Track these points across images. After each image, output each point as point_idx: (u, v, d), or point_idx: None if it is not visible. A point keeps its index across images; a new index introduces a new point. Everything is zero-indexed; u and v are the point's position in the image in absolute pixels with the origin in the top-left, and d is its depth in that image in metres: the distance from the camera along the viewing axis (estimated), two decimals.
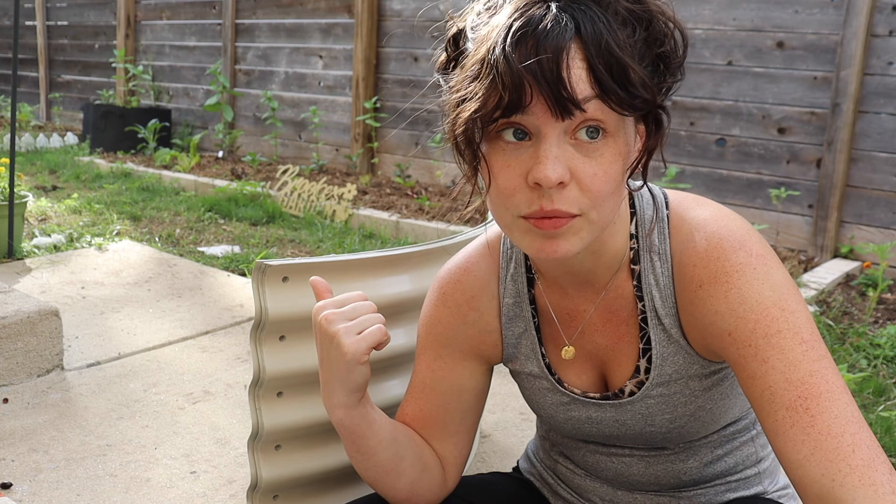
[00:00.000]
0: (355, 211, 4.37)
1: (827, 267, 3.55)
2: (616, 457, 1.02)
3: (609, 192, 0.78)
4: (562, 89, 0.73)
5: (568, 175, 0.76)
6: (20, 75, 8.81)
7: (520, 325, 1.00)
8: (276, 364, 1.18)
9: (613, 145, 0.78)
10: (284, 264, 1.15)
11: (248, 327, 2.72)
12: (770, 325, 0.79)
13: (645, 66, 0.77)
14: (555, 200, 0.77)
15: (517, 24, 0.74)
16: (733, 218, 0.87)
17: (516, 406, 2.19)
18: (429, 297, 1.05)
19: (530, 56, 0.73)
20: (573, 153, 0.77)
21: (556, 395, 1.00)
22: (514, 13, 0.75)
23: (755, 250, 0.83)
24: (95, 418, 2.00)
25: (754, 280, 0.81)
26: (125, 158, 6.07)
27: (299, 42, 5.99)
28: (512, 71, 0.73)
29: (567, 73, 0.73)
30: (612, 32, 0.74)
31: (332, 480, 1.32)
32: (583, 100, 0.74)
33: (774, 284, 0.81)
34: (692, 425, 0.95)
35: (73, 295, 2.95)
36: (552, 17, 0.74)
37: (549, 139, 0.76)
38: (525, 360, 1.01)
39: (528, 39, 0.73)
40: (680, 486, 1.02)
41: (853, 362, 2.56)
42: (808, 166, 3.81)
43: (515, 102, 0.75)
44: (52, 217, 4.19)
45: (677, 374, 0.92)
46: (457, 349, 1.02)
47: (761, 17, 3.89)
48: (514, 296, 1.00)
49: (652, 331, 0.91)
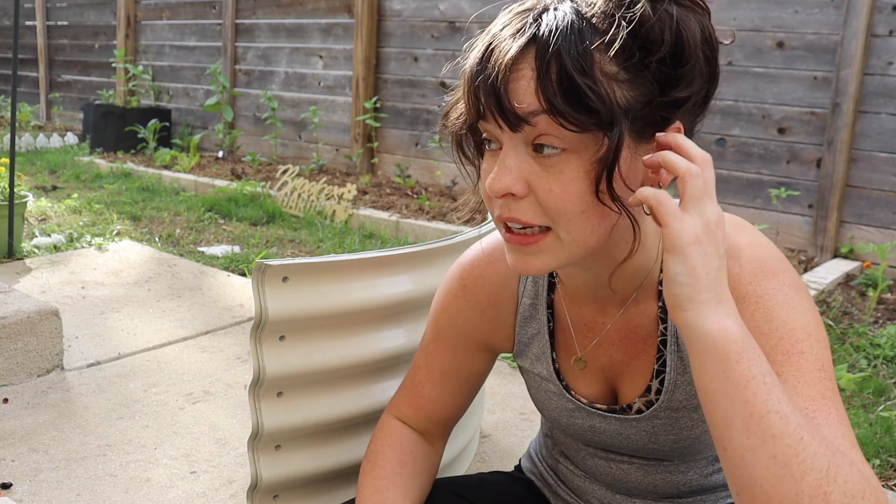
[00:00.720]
0: (355, 211, 4.37)
1: (827, 267, 3.55)
2: (615, 463, 1.02)
3: (573, 210, 0.74)
4: (502, 101, 0.72)
5: (520, 186, 0.75)
6: (20, 75, 8.81)
7: (533, 327, 1.00)
8: (276, 364, 1.18)
9: (575, 161, 0.73)
10: (284, 264, 1.15)
11: (248, 327, 2.71)
12: (793, 345, 0.78)
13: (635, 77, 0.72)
14: (512, 209, 0.77)
15: (492, 32, 0.76)
16: (772, 249, 0.85)
17: (516, 406, 2.19)
18: (449, 284, 1.05)
19: (485, 66, 0.74)
20: (532, 165, 0.75)
21: (562, 400, 0.99)
22: (500, 22, 0.77)
23: (788, 280, 0.82)
24: (95, 418, 2.00)
25: (784, 304, 0.80)
26: (125, 158, 6.07)
27: (299, 42, 5.99)
28: (471, 81, 0.75)
29: (508, 85, 0.72)
30: (576, 40, 0.70)
31: (332, 480, 1.32)
32: (529, 114, 0.72)
33: (804, 311, 0.80)
34: (696, 446, 0.95)
35: (73, 295, 2.95)
36: (518, 26, 0.74)
37: (505, 150, 0.76)
38: (534, 361, 1.01)
39: (488, 49, 0.75)
40: (678, 495, 1.02)
41: (853, 362, 2.56)
42: (808, 166, 3.81)
43: (474, 113, 0.76)
44: (52, 217, 4.19)
45: (687, 402, 0.91)
46: (473, 341, 1.04)
47: (761, 17, 3.89)
48: (532, 297, 1.00)
49: (669, 355, 0.90)
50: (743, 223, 0.89)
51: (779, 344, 0.78)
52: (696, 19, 0.75)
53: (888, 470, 1.91)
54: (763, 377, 0.68)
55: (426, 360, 1.07)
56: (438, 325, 1.05)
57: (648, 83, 0.73)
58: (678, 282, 0.70)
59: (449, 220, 4.22)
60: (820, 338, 0.79)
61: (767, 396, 0.68)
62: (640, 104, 0.73)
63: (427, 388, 1.07)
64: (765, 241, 0.86)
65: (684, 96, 0.75)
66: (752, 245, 0.85)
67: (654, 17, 0.72)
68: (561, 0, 0.75)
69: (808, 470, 0.66)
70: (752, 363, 0.69)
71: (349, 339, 1.24)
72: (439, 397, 1.07)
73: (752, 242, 0.85)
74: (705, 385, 0.70)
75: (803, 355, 0.77)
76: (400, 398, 1.10)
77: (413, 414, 1.08)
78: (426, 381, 1.07)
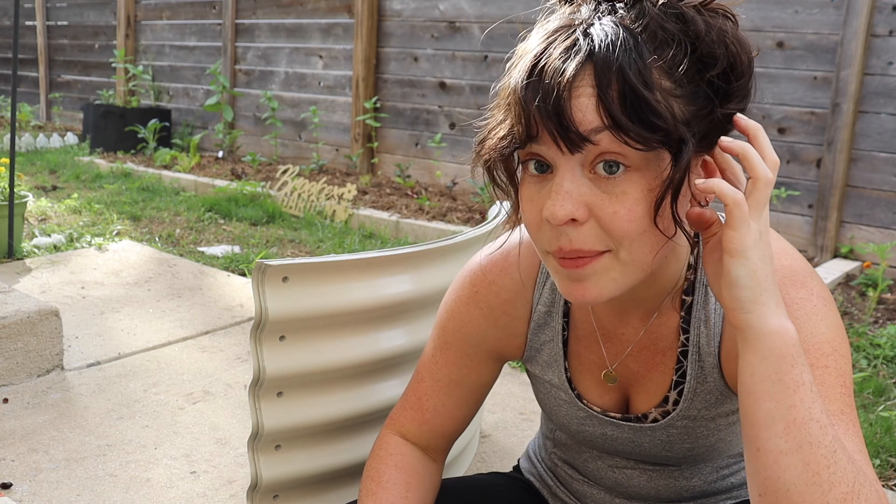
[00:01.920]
0: (355, 211, 4.37)
1: (827, 267, 3.55)
2: (618, 468, 1.01)
3: (636, 231, 0.72)
4: (562, 120, 0.68)
5: (583, 212, 0.71)
6: (20, 75, 8.81)
7: (547, 334, 0.98)
8: (276, 364, 1.18)
9: (640, 180, 0.71)
10: (284, 264, 1.15)
11: (248, 327, 2.71)
12: (819, 358, 0.77)
13: (692, 92, 0.71)
14: (573, 240, 0.72)
15: (537, 49, 0.71)
16: (799, 258, 0.84)
17: (516, 406, 2.19)
18: (459, 291, 1.01)
19: (538, 84, 0.69)
20: (591, 188, 0.72)
21: (574, 409, 0.98)
22: (541, 38, 0.72)
23: (816, 291, 0.81)
24: (95, 418, 2.00)
25: (813, 315, 0.79)
26: (125, 158, 6.07)
27: (299, 42, 5.99)
28: (522, 102, 0.71)
29: (568, 102, 0.68)
30: (635, 55, 0.68)
31: (332, 480, 1.32)
32: (590, 132, 0.69)
33: (831, 325, 0.79)
34: (709, 454, 0.95)
35: (73, 295, 2.95)
36: (569, 42, 0.70)
37: (561, 173, 0.72)
38: (545, 367, 0.99)
39: (539, 66, 0.70)
40: (680, 500, 1.01)
41: (853, 362, 2.56)
42: (808, 166, 3.81)
43: (525, 134, 0.72)
44: (52, 217, 4.19)
45: (706, 412, 0.90)
46: (483, 349, 1.01)
47: (761, 17, 3.88)
48: (548, 305, 0.96)
49: (690, 366, 0.88)
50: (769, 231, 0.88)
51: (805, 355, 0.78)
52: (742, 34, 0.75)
53: (888, 470, 1.91)
54: (810, 385, 0.69)
55: (431, 371, 1.03)
56: (446, 333, 1.02)
57: (703, 98, 0.72)
58: (741, 284, 0.70)
59: (449, 220, 4.22)
60: (844, 353, 0.79)
61: (812, 405, 0.68)
62: (697, 119, 0.72)
63: (433, 400, 1.03)
64: (791, 250, 0.85)
65: (739, 109, 0.74)
66: (781, 253, 0.84)
67: (712, 33, 0.71)
68: (600, 14, 0.72)
69: (836, 482, 0.66)
70: (804, 369, 0.70)
71: (349, 339, 1.24)
72: (445, 409, 1.03)
73: (781, 250, 0.84)
74: (755, 386, 0.70)
75: (828, 370, 0.77)
76: (402, 412, 1.05)
77: (416, 428, 1.04)
78: (431, 393, 1.03)
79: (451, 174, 5.11)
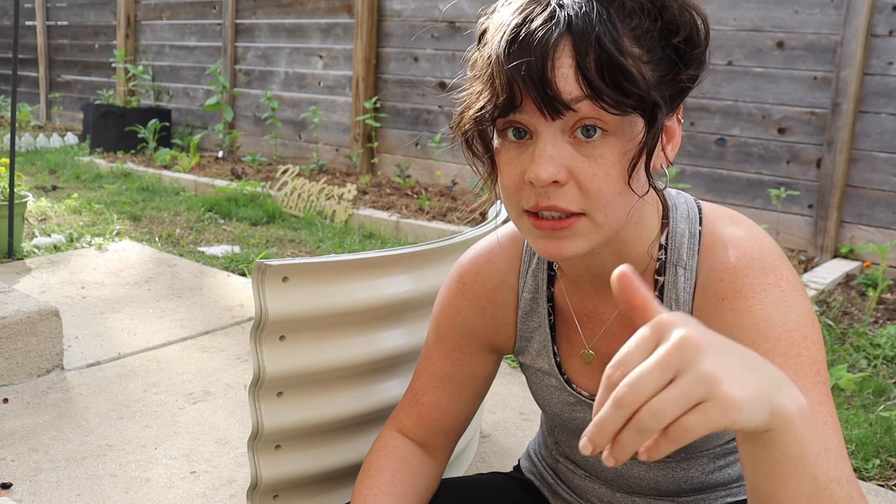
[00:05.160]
0: (355, 211, 4.37)
1: (827, 267, 3.55)
2: None
3: (612, 192, 0.77)
4: (547, 89, 0.72)
5: (563, 174, 0.75)
6: (20, 75, 8.81)
7: (535, 321, 1.00)
8: (276, 364, 1.18)
9: (616, 144, 0.76)
10: (284, 264, 1.15)
11: (248, 327, 2.71)
12: (791, 347, 0.77)
13: (658, 58, 0.75)
14: (551, 197, 0.76)
15: (514, 22, 0.75)
16: (768, 241, 0.85)
17: (516, 406, 2.19)
18: (448, 285, 1.04)
19: (520, 56, 0.73)
20: (571, 152, 0.76)
21: (564, 394, 0.99)
22: (515, 11, 0.76)
23: (785, 275, 0.81)
24: (95, 418, 2.00)
25: (782, 302, 0.79)
26: (125, 158, 6.07)
27: (299, 42, 5.99)
28: (503, 72, 0.74)
29: (552, 73, 0.72)
30: (609, 25, 0.72)
31: (332, 480, 1.32)
32: (572, 100, 0.73)
33: (801, 311, 0.79)
34: (703, 438, 0.95)
35: (72, 295, 2.95)
36: (546, 14, 0.73)
37: (543, 138, 0.76)
38: (535, 356, 1.01)
39: (519, 38, 0.73)
40: (679, 492, 1.02)
41: (853, 362, 2.56)
42: (808, 166, 3.81)
43: (508, 103, 0.75)
44: (52, 217, 4.19)
45: None
46: (474, 340, 1.04)
47: (761, 17, 3.89)
48: (532, 291, 1.00)
49: None
50: (738, 216, 0.89)
51: (776, 345, 0.77)
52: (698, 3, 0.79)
53: (888, 470, 1.91)
54: (824, 446, 0.65)
55: (426, 366, 1.06)
56: (439, 326, 1.05)
57: (668, 63, 0.76)
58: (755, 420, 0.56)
59: (449, 220, 4.22)
60: (816, 339, 0.78)
61: (829, 466, 0.65)
62: (664, 84, 0.76)
63: (428, 395, 1.06)
64: (761, 234, 0.86)
65: (696, 75, 0.79)
66: (749, 237, 0.84)
67: (675, 2, 0.76)
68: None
69: None
70: (816, 432, 0.63)
71: (349, 339, 1.24)
72: (440, 403, 1.05)
73: (749, 235, 0.85)
74: (774, 474, 0.64)
75: (801, 358, 0.76)
76: (400, 409, 1.09)
77: (413, 424, 1.07)
78: (426, 388, 1.06)
79: (451, 174, 5.11)
